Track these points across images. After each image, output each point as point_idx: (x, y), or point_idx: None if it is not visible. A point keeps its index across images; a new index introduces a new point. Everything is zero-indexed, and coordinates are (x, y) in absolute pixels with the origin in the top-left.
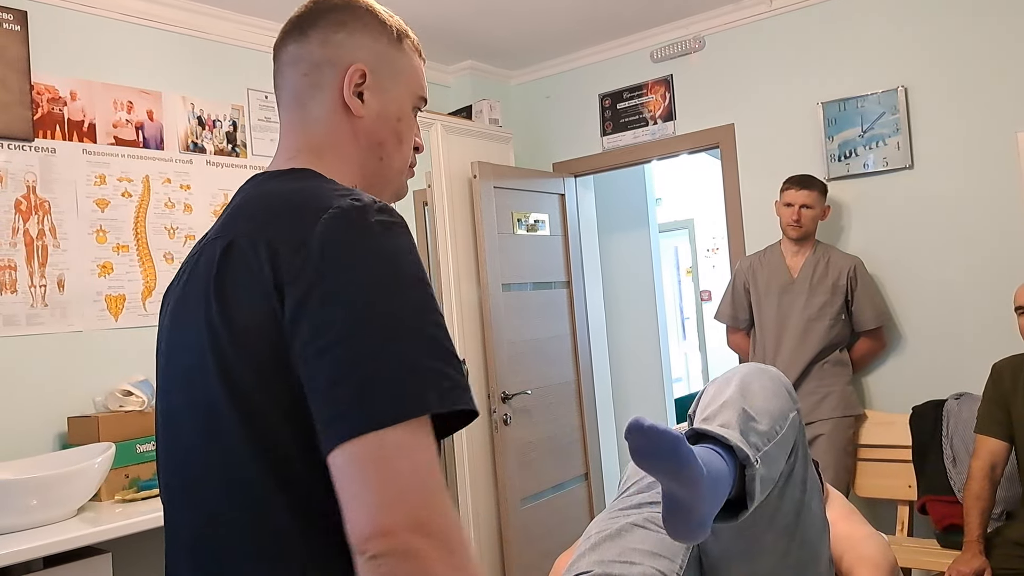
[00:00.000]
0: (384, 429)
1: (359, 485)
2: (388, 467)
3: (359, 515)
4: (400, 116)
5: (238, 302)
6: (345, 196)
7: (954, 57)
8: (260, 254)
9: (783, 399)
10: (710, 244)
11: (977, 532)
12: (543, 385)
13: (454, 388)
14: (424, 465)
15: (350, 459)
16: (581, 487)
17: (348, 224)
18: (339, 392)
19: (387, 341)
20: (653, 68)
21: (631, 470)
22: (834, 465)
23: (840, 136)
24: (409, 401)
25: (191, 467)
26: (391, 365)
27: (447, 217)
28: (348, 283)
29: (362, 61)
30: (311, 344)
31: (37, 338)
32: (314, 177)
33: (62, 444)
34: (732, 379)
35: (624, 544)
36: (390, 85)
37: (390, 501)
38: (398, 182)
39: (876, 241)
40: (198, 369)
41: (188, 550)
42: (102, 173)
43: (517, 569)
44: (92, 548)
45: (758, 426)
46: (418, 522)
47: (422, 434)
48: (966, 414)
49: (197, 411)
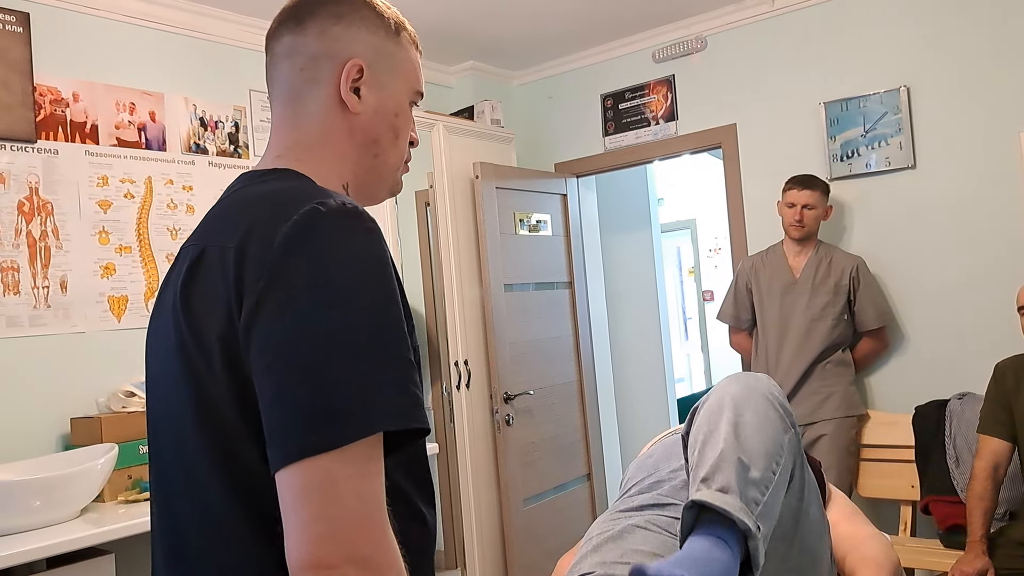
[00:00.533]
0: (328, 453)
1: (299, 512)
2: (329, 495)
3: (298, 543)
4: (397, 112)
5: (203, 311)
6: (312, 199)
7: (957, 57)
8: (227, 263)
9: (776, 424)
10: (712, 244)
11: (980, 532)
12: (545, 385)
13: (407, 407)
14: (367, 493)
15: (292, 483)
16: (583, 487)
17: (307, 231)
18: (282, 412)
19: (336, 356)
20: (655, 68)
21: (632, 470)
22: (836, 465)
23: (842, 136)
24: (355, 422)
25: (166, 474)
26: (335, 383)
27: (449, 217)
28: (300, 294)
29: (360, 55)
30: (260, 358)
31: (40, 339)
32: (295, 178)
33: (65, 445)
34: (723, 409)
35: (626, 545)
36: (388, 80)
37: (330, 532)
38: (393, 179)
39: (878, 241)
40: (169, 377)
41: (165, 553)
42: (104, 174)
43: (519, 569)
44: (95, 549)
45: (755, 474)
46: (357, 556)
47: (367, 457)
48: (969, 414)
49: (170, 419)
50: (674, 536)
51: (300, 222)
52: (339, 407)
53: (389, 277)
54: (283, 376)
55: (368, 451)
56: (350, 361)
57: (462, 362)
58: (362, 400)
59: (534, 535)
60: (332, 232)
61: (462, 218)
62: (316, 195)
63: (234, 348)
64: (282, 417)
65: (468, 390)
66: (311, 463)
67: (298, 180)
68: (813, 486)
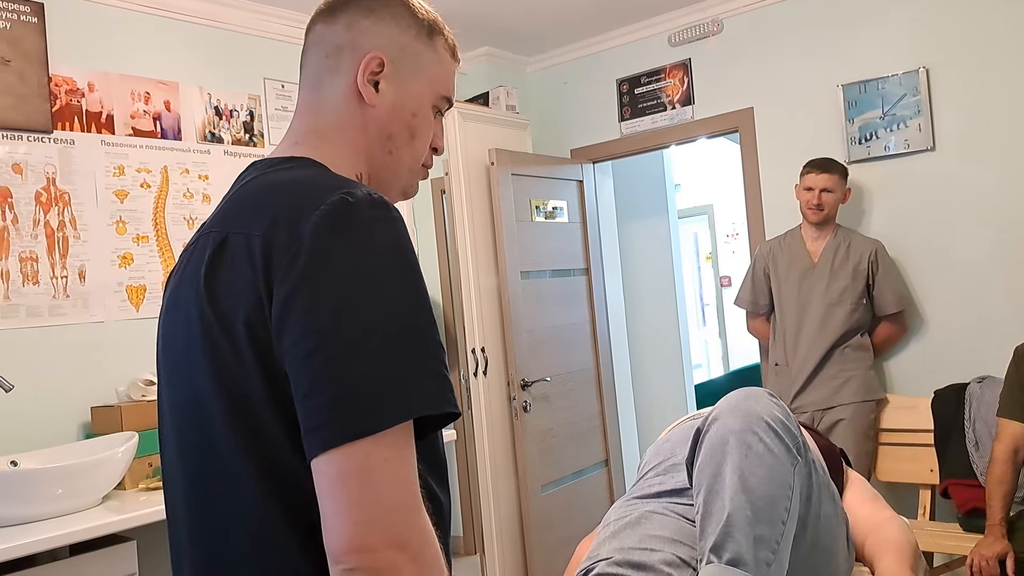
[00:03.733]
0: (364, 439)
1: (339, 498)
2: (368, 481)
3: (338, 528)
4: (416, 112)
5: (229, 296)
6: (339, 189)
7: (976, 37)
8: (254, 251)
9: (782, 461)
10: (730, 230)
11: (999, 516)
12: (562, 372)
13: (440, 391)
14: (404, 478)
15: (330, 470)
16: (601, 473)
17: (338, 221)
18: (319, 401)
19: (369, 346)
20: (671, 52)
21: (649, 454)
22: (855, 450)
23: (861, 118)
24: (392, 408)
25: (186, 459)
26: (372, 371)
27: (465, 205)
28: (333, 285)
29: (382, 49)
30: (295, 348)
31: (60, 329)
32: (314, 166)
33: (86, 433)
34: (727, 453)
35: (644, 531)
36: (409, 78)
37: (370, 518)
38: (407, 180)
39: (897, 224)
40: (191, 365)
41: (187, 536)
42: (121, 164)
43: (537, 555)
44: (117, 536)
45: (765, 531)
46: (397, 540)
47: (403, 442)
48: (988, 398)
49: (194, 405)
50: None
51: (330, 211)
52: (375, 394)
53: (416, 265)
54: (319, 366)
55: (404, 436)
56: (384, 349)
57: (479, 349)
58: (397, 386)
59: (552, 521)
60: (362, 222)
61: (478, 205)
62: (342, 185)
63: (262, 335)
64: (319, 405)
65: (485, 377)
66: (349, 449)
67: (318, 168)
68: (824, 484)
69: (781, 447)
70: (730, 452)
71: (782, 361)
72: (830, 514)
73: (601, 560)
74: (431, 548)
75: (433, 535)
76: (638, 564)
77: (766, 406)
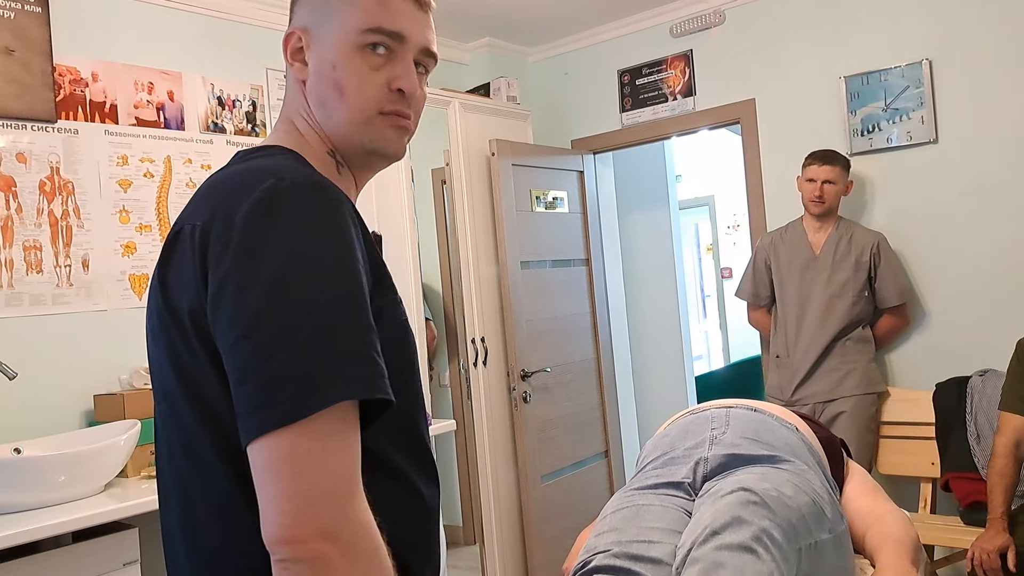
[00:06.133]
0: (290, 428)
1: (267, 488)
2: (295, 471)
3: (268, 518)
4: (335, 63)
5: (178, 288)
6: (275, 175)
7: (980, 29)
8: (195, 241)
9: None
10: (731, 221)
11: (1001, 509)
12: (563, 363)
13: (368, 377)
14: (335, 467)
15: (259, 459)
16: (601, 464)
17: (268, 207)
18: (247, 388)
19: (294, 332)
20: (673, 43)
21: (648, 448)
22: (856, 442)
23: (863, 110)
24: (315, 394)
25: (167, 448)
26: (296, 358)
27: (465, 195)
28: (260, 271)
29: (302, 21)
30: (226, 336)
31: (63, 317)
32: (278, 154)
33: (89, 421)
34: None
35: (642, 523)
36: (324, 32)
37: (297, 509)
38: (369, 137)
39: (900, 217)
40: (157, 354)
41: (177, 516)
42: (124, 154)
43: (537, 545)
44: (119, 523)
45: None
46: (325, 531)
47: (333, 430)
48: (990, 391)
49: (164, 395)
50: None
51: (261, 198)
52: (299, 380)
53: (349, 249)
54: (246, 352)
55: (335, 425)
56: (309, 335)
57: (479, 339)
58: (322, 372)
59: (552, 512)
60: (291, 206)
61: (478, 195)
62: (279, 171)
63: (204, 324)
64: (247, 393)
65: (485, 367)
66: (276, 438)
67: (278, 156)
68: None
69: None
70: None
71: (783, 353)
72: (827, 538)
73: (600, 552)
74: (366, 539)
75: (370, 526)
76: (637, 556)
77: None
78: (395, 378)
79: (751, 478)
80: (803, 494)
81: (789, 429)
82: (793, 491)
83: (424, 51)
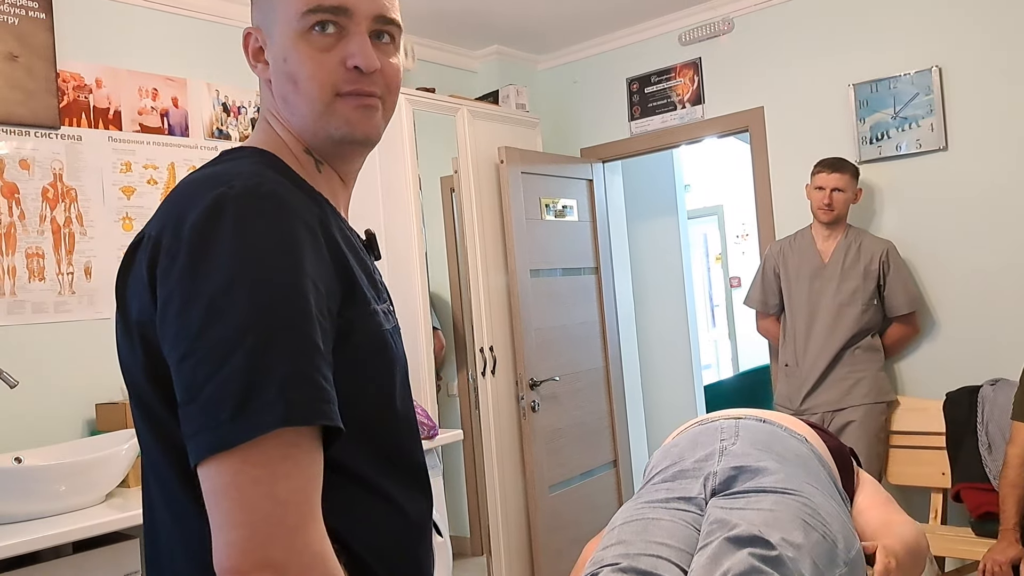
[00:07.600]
0: (233, 453)
1: (214, 515)
2: (239, 499)
3: (216, 547)
4: (286, 55)
5: (132, 299)
6: (227, 183)
7: (990, 36)
8: (147, 252)
9: None
10: (740, 230)
11: (1013, 520)
12: (571, 372)
13: (310, 402)
14: (282, 495)
15: (205, 485)
16: (610, 474)
17: (213, 218)
18: (191, 409)
19: (234, 352)
20: (681, 51)
21: (656, 458)
22: (866, 452)
23: (872, 118)
24: (254, 420)
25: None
26: (236, 379)
27: (474, 203)
28: (202, 287)
29: (254, 23)
30: (171, 354)
31: (65, 325)
32: (243, 157)
33: (90, 431)
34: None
35: (650, 537)
36: (272, 27)
37: (240, 539)
38: (331, 122)
39: (909, 225)
40: (123, 364)
41: (145, 522)
42: (128, 160)
43: (545, 556)
44: (120, 533)
45: None
46: (270, 562)
47: (282, 456)
48: (1002, 400)
49: (134, 405)
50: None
51: (206, 209)
52: (236, 404)
53: (296, 262)
54: (188, 372)
55: (284, 450)
56: (246, 356)
57: (487, 348)
58: (257, 396)
59: (560, 522)
60: (235, 217)
61: (487, 203)
62: (229, 179)
63: (151, 336)
64: (190, 414)
65: (494, 376)
66: (220, 463)
67: (243, 160)
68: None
69: None
70: None
71: (792, 362)
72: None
73: (606, 566)
74: (317, 571)
75: (324, 556)
76: (644, 572)
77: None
78: (372, 392)
79: (761, 518)
80: (813, 532)
81: (799, 440)
82: (803, 535)
83: (380, 18)
